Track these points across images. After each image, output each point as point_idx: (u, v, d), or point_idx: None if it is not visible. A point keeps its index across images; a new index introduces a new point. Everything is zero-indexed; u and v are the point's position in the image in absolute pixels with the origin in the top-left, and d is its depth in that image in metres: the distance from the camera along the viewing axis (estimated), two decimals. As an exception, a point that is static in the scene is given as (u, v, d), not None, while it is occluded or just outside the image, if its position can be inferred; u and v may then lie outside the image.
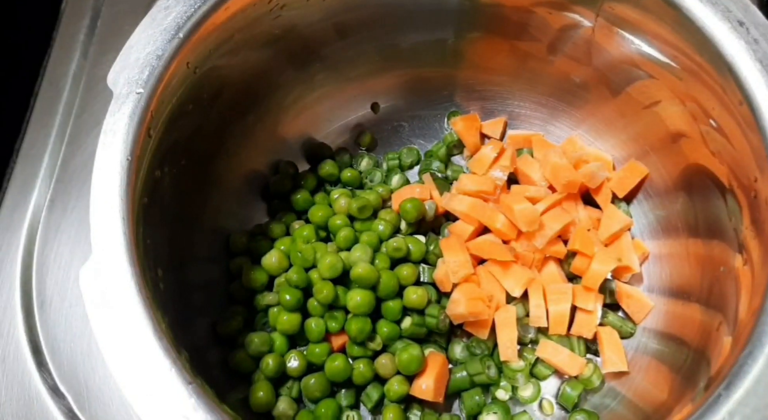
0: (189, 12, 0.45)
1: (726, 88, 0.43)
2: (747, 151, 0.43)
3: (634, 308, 0.54)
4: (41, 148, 0.63)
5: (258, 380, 0.51)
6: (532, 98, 0.61)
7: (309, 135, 0.63)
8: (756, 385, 0.36)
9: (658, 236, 0.56)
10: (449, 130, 0.64)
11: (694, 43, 0.45)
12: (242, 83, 0.54)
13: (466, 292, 0.52)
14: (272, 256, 0.54)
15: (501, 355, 0.52)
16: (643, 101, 0.53)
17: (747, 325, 0.39)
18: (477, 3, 0.55)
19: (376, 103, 0.64)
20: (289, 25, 0.53)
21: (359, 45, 0.58)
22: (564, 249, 0.54)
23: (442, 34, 0.58)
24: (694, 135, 0.49)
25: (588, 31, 0.53)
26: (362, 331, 0.51)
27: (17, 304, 0.57)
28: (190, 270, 0.51)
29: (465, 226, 0.56)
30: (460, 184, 0.57)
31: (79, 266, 0.42)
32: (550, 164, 0.56)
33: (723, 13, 0.43)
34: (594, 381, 0.52)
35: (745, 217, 0.44)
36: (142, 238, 0.42)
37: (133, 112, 0.42)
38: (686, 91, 0.48)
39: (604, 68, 0.55)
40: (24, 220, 0.60)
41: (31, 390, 0.54)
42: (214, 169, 0.55)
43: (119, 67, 0.44)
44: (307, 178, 0.60)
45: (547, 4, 0.52)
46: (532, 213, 0.53)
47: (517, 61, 0.59)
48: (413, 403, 0.52)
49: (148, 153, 0.43)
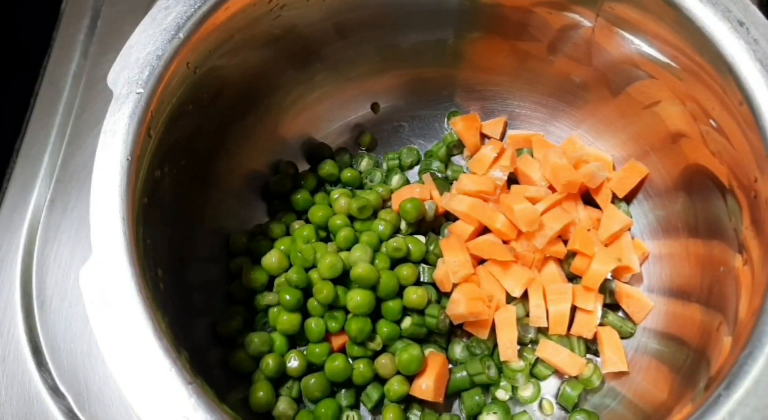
0: (189, 12, 0.45)
1: (726, 88, 0.43)
2: (747, 151, 0.43)
3: (634, 308, 0.54)
4: (41, 148, 0.63)
5: (258, 380, 0.51)
6: (532, 98, 0.61)
7: (309, 135, 0.63)
8: (756, 385, 0.36)
9: (658, 236, 0.56)
10: (449, 130, 0.64)
11: (694, 43, 0.45)
12: (242, 83, 0.54)
13: (466, 292, 0.52)
14: (272, 256, 0.54)
15: (501, 355, 0.52)
16: (643, 101, 0.53)
17: (747, 325, 0.39)
18: (477, 3, 0.55)
19: (376, 103, 0.64)
20: (289, 25, 0.53)
21: (359, 45, 0.58)
22: (564, 249, 0.54)
23: (442, 34, 0.58)
24: (694, 135, 0.49)
25: (588, 31, 0.53)
26: (362, 331, 0.51)
27: (17, 304, 0.57)
28: (190, 270, 0.51)
29: (465, 226, 0.56)
30: (460, 184, 0.57)
31: (79, 266, 0.42)
32: (550, 164, 0.56)
33: (723, 13, 0.43)
34: (594, 381, 0.52)
35: (745, 217, 0.44)
36: (142, 238, 0.42)
37: (133, 112, 0.42)
38: (686, 91, 0.48)
39: (604, 68, 0.55)
40: (24, 220, 0.60)
41: (31, 390, 0.54)
42: (214, 169, 0.55)
43: (119, 67, 0.44)
44: (307, 178, 0.60)
45: (547, 4, 0.52)
46: (532, 213, 0.53)
47: (517, 61, 0.59)
48: (413, 403, 0.52)
49: (148, 153, 0.43)
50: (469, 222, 0.56)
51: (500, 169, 0.57)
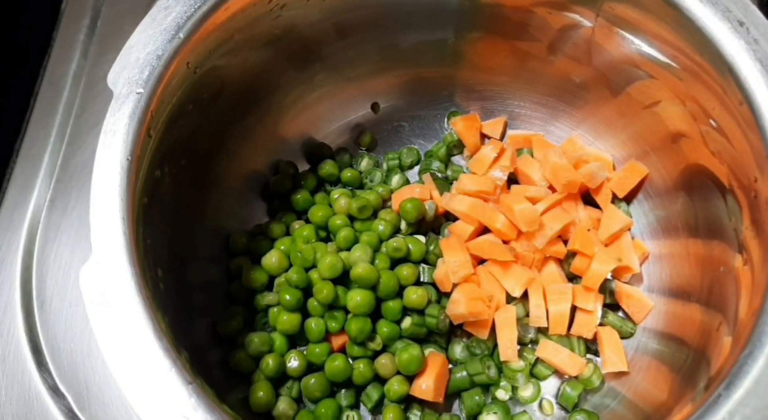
0: (189, 12, 0.45)
1: (726, 88, 0.43)
2: (747, 151, 0.43)
3: (634, 308, 0.54)
4: (41, 148, 0.63)
5: (258, 380, 0.51)
6: (532, 98, 0.61)
7: (309, 135, 0.63)
8: (756, 385, 0.36)
9: (658, 236, 0.56)
10: (449, 130, 0.64)
11: (694, 43, 0.45)
12: (242, 83, 0.54)
13: (466, 292, 0.52)
14: (272, 256, 0.54)
15: (501, 355, 0.52)
16: (643, 101, 0.53)
17: (747, 325, 0.39)
18: (477, 3, 0.55)
19: (376, 103, 0.64)
20: (289, 25, 0.53)
21: (359, 45, 0.58)
22: (564, 249, 0.54)
23: (442, 34, 0.58)
24: (694, 135, 0.49)
25: (588, 31, 0.53)
26: (362, 332, 0.51)
27: (17, 304, 0.57)
28: (190, 270, 0.51)
29: (465, 226, 0.56)
30: (460, 184, 0.57)
31: (79, 266, 0.42)
32: (550, 164, 0.56)
33: (723, 13, 0.43)
34: (594, 381, 0.52)
35: (745, 217, 0.44)
36: (142, 238, 0.42)
37: (133, 112, 0.42)
38: (686, 91, 0.48)
39: (604, 68, 0.55)
40: (24, 219, 0.60)
41: (31, 390, 0.54)
42: (214, 169, 0.55)
43: (119, 67, 0.44)
44: (307, 178, 0.60)
45: (547, 4, 0.52)
46: (532, 213, 0.53)
47: (517, 61, 0.59)
48: (413, 403, 0.52)
49: (148, 153, 0.43)
50: (469, 222, 0.56)
51: (500, 169, 0.57)
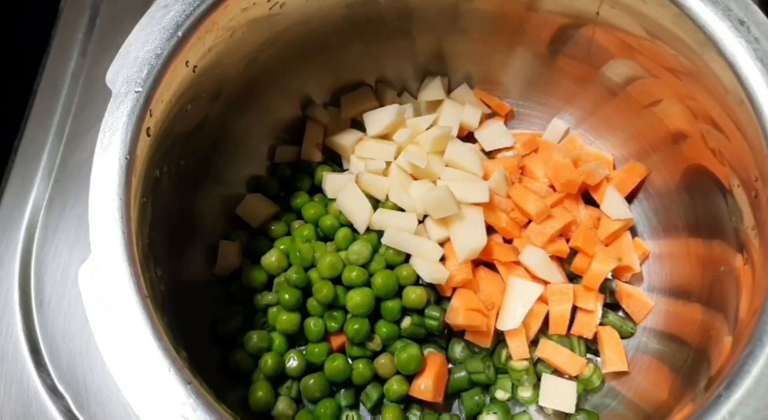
0: (188, 10, 0.45)
1: (726, 88, 0.43)
2: (747, 151, 0.43)
3: (635, 308, 0.54)
4: (40, 147, 0.63)
5: (257, 380, 0.51)
6: (532, 98, 0.61)
7: (308, 134, 0.62)
8: (756, 385, 0.36)
9: (658, 236, 0.56)
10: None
11: (694, 43, 0.45)
12: (241, 82, 0.54)
13: (464, 301, 0.52)
14: (272, 256, 0.54)
15: (513, 355, 0.52)
16: (643, 101, 0.53)
17: (747, 324, 0.39)
18: (476, 3, 0.55)
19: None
20: (288, 24, 0.53)
21: (360, 44, 0.58)
22: (566, 247, 0.54)
23: (442, 32, 0.58)
24: (695, 134, 0.49)
25: (588, 31, 0.52)
26: (359, 332, 0.51)
27: (16, 304, 0.57)
28: (189, 269, 0.51)
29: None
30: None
31: (77, 266, 0.41)
32: (552, 162, 0.56)
33: (724, 12, 0.43)
34: (594, 381, 0.52)
35: (745, 216, 0.44)
36: (141, 238, 0.42)
37: (131, 110, 0.42)
38: (686, 91, 0.48)
39: (604, 68, 0.55)
40: (22, 219, 0.60)
41: (30, 390, 0.54)
42: (213, 169, 0.55)
43: (118, 66, 0.43)
44: (304, 180, 0.60)
45: (547, 3, 0.52)
46: (543, 202, 0.54)
47: (517, 61, 0.59)
48: (413, 403, 0.52)
49: (146, 152, 0.43)
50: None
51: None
